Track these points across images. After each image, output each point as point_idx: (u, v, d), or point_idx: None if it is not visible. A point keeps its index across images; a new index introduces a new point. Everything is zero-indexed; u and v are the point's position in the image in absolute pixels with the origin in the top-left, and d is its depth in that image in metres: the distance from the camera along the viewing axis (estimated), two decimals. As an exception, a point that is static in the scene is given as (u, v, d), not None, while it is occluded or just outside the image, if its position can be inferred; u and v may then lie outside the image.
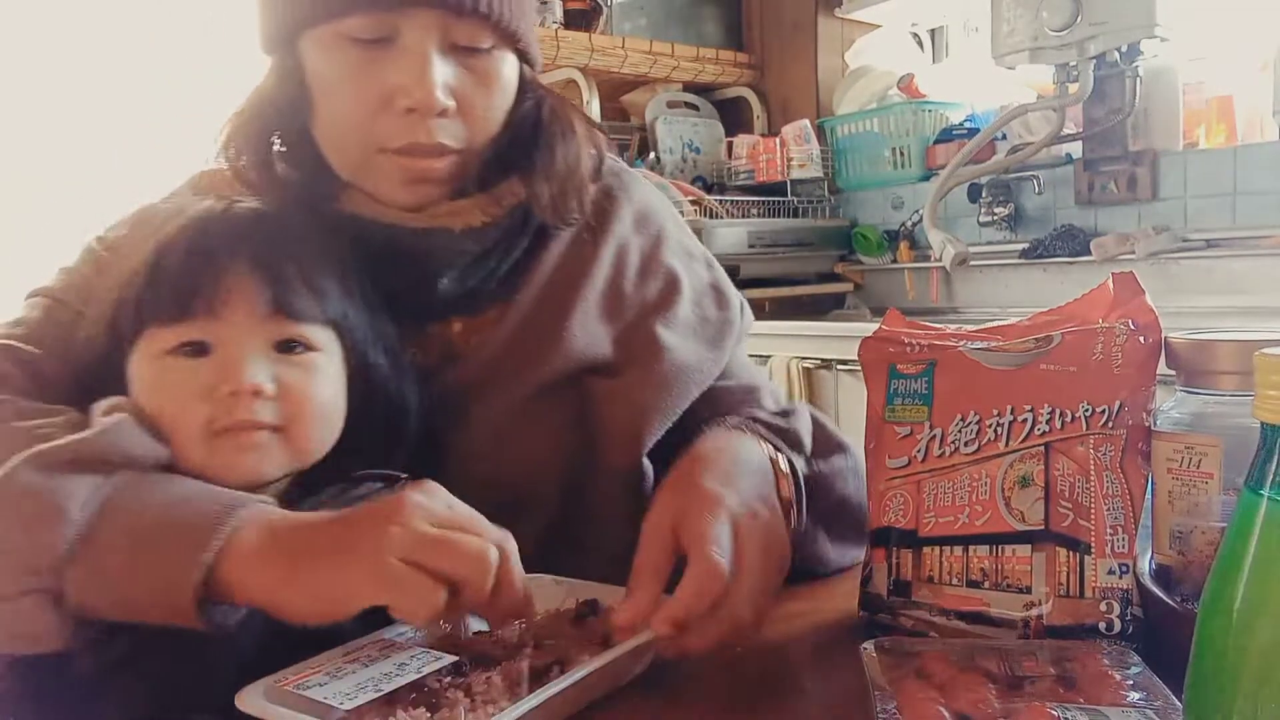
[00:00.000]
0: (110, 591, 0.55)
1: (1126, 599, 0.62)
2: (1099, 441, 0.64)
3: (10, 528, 0.55)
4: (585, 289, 0.81)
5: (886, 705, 0.51)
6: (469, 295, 0.79)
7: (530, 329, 0.79)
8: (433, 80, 0.70)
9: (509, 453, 0.77)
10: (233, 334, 0.63)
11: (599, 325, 0.81)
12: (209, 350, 0.63)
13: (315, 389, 0.66)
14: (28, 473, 0.56)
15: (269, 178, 0.76)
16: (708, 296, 0.88)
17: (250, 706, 0.53)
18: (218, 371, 0.62)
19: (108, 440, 0.59)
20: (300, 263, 0.67)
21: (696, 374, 0.81)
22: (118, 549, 0.55)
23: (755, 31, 3.16)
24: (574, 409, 0.79)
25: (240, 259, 0.64)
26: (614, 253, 0.84)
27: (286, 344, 0.65)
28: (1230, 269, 2.17)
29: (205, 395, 0.62)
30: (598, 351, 0.80)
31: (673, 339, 0.81)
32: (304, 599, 0.55)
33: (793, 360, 2.32)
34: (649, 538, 0.64)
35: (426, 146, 0.72)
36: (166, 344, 0.63)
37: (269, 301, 0.64)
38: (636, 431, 0.78)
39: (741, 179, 2.90)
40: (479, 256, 0.78)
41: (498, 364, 0.78)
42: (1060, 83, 2.21)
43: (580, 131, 0.81)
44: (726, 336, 0.86)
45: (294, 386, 0.64)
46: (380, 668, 0.56)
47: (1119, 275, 0.71)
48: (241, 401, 0.62)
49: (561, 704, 0.55)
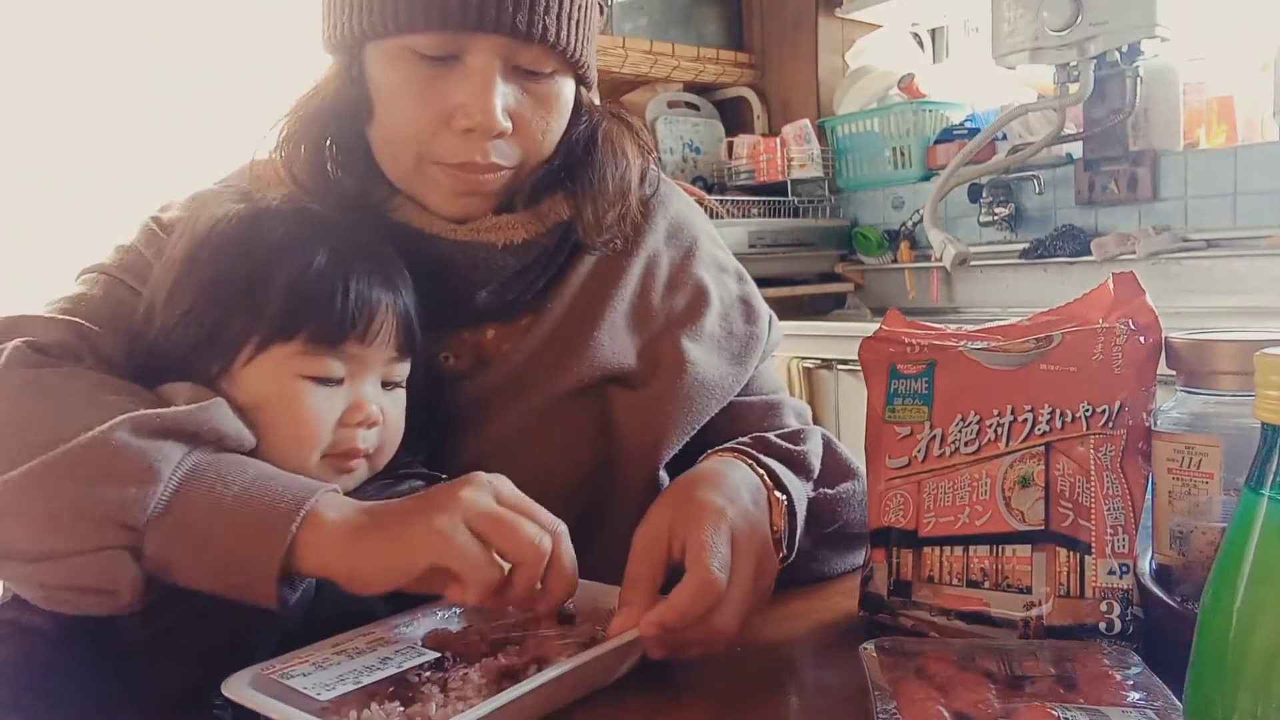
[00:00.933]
0: (190, 554, 0.57)
1: (1127, 599, 0.62)
2: (1099, 441, 0.64)
3: (102, 484, 0.56)
4: (615, 299, 0.82)
5: (886, 705, 0.51)
6: (505, 305, 0.80)
7: (559, 337, 0.80)
8: (494, 103, 0.70)
9: (532, 455, 0.78)
10: (364, 370, 0.68)
11: (626, 335, 0.82)
12: (339, 382, 0.67)
13: (399, 416, 0.71)
14: (122, 434, 0.57)
15: (323, 180, 0.77)
16: (736, 310, 0.89)
17: (234, 693, 0.54)
18: (350, 402, 0.67)
19: (203, 416, 0.61)
20: (416, 304, 0.72)
21: (718, 389, 0.82)
22: (203, 513, 0.57)
23: (755, 31, 3.15)
24: (596, 417, 0.80)
25: (388, 299, 0.69)
26: (644, 264, 0.85)
27: (391, 382, 0.71)
28: (1230, 269, 2.17)
29: (336, 422, 0.66)
30: (623, 362, 0.81)
31: (697, 351, 0.82)
32: (373, 562, 0.57)
33: (793, 360, 2.32)
34: (642, 549, 0.64)
35: (481, 166, 0.73)
36: (306, 369, 0.66)
37: (397, 346, 0.70)
38: (655, 443, 0.79)
39: (742, 179, 2.90)
40: (518, 272, 0.79)
41: (526, 370, 0.79)
42: (1060, 83, 2.21)
43: (631, 154, 0.82)
44: (752, 352, 0.87)
45: (391, 418, 0.70)
46: (364, 661, 0.57)
47: (1119, 275, 0.71)
48: (359, 432, 0.67)
49: (535, 702, 0.55)
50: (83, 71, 2.06)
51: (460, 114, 0.71)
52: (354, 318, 0.66)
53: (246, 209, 0.70)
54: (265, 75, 2.13)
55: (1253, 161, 2.15)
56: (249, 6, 2.21)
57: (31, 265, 1.88)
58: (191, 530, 0.57)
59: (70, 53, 2.06)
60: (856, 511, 0.82)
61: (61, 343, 0.67)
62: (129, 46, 2.10)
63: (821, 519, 0.79)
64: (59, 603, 0.58)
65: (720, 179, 2.96)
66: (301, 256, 0.67)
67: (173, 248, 0.70)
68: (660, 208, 0.88)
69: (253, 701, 0.53)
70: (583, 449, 0.80)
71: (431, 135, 0.72)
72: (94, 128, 2.08)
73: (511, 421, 0.78)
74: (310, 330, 0.65)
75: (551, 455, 0.79)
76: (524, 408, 0.78)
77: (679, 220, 0.90)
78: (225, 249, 0.68)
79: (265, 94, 2.13)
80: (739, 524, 0.64)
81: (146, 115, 2.10)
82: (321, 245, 0.68)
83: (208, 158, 2.02)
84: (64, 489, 0.56)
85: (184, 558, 0.57)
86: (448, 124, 0.71)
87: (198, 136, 2.06)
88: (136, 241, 0.76)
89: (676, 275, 0.86)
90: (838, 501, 0.81)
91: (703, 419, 0.81)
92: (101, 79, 2.08)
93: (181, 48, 2.13)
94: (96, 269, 0.75)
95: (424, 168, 0.74)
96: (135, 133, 2.10)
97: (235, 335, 0.66)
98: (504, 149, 0.74)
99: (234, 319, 0.66)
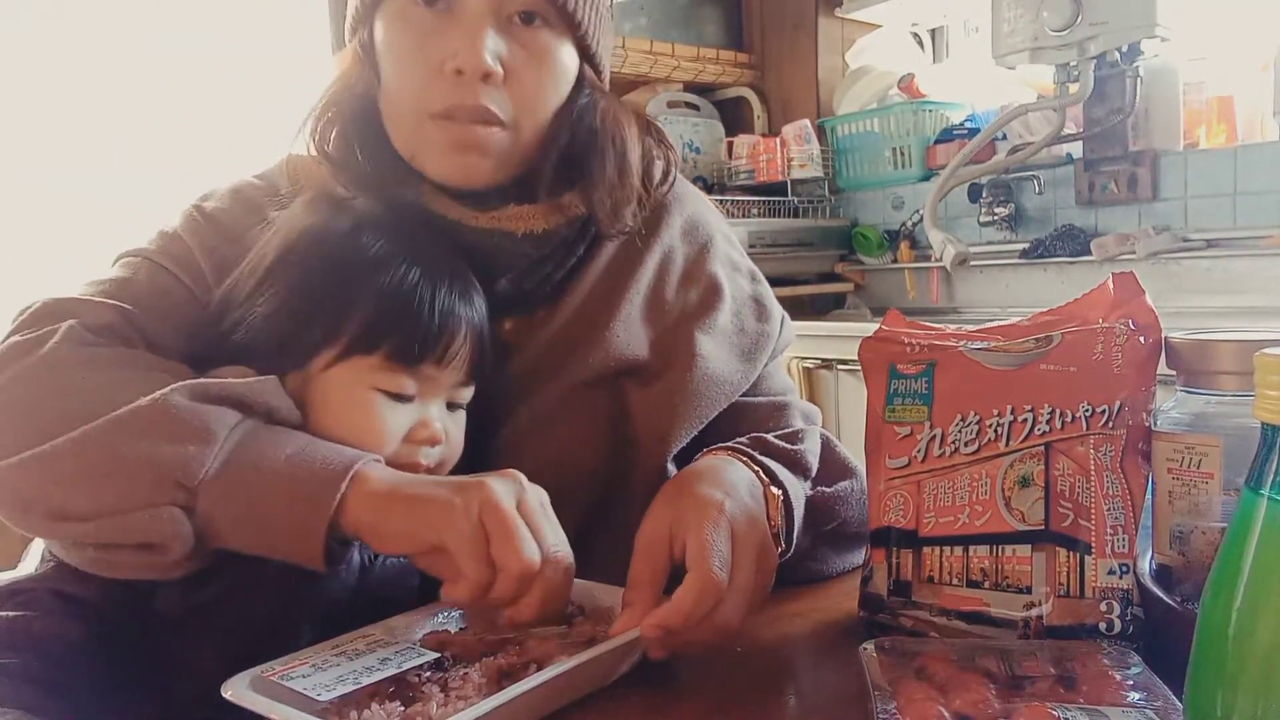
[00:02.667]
0: (242, 511, 0.59)
1: (1127, 599, 0.62)
2: (1099, 441, 0.64)
3: (160, 443, 0.59)
4: (630, 292, 0.83)
5: (886, 705, 0.51)
6: (523, 296, 0.81)
7: (576, 329, 0.81)
8: (482, 44, 0.72)
9: (550, 444, 0.78)
10: (434, 391, 0.70)
11: (640, 328, 0.83)
12: (411, 398, 0.69)
13: (461, 438, 0.73)
14: (179, 398, 0.60)
15: (355, 166, 0.78)
16: (748, 308, 0.90)
17: (234, 695, 0.54)
18: (418, 419, 0.69)
19: (258, 389, 0.64)
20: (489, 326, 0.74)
21: (727, 385, 0.83)
22: (254, 474, 0.60)
23: (755, 31, 3.15)
24: (610, 408, 0.81)
25: (464, 320, 0.71)
26: (660, 258, 0.86)
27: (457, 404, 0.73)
28: (1230, 269, 2.17)
29: (403, 437, 0.68)
30: (637, 353, 0.81)
31: (709, 345, 0.83)
32: (392, 523, 0.60)
33: (793, 360, 2.32)
34: (644, 549, 0.64)
35: (470, 108, 0.73)
36: (381, 383, 0.68)
37: (468, 370, 0.72)
38: (664, 435, 0.79)
39: (742, 179, 2.90)
40: (536, 261, 0.80)
41: (542, 360, 0.80)
42: (1060, 83, 2.21)
43: (633, 135, 0.83)
44: (762, 350, 0.87)
45: (453, 438, 0.72)
46: (364, 661, 0.58)
47: (1119, 275, 0.71)
48: (423, 449, 0.69)
49: (533, 703, 0.55)
50: (83, 72, 2.06)
51: (450, 58, 0.72)
52: (435, 337, 0.68)
53: (345, 219, 0.72)
54: (264, 75, 2.14)
55: (1253, 161, 2.15)
56: (249, 7, 2.21)
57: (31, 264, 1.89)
58: (244, 489, 0.59)
59: (70, 52, 2.06)
60: (855, 510, 0.82)
61: (110, 325, 0.69)
62: (129, 46, 2.10)
63: (819, 517, 0.79)
64: (108, 565, 0.60)
65: (720, 179, 2.96)
66: (394, 271, 0.68)
67: (261, 250, 0.72)
68: (677, 205, 0.89)
69: (253, 703, 0.53)
70: (596, 439, 0.80)
71: (426, 86, 0.74)
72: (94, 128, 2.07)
73: (528, 413, 0.79)
74: (392, 346, 0.67)
75: (567, 446, 0.79)
76: (540, 399, 0.79)
77: (695, 218, 0.90)
78: (321, 255, 0.70)
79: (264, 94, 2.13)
80: (738, 518, 0.65)
81: (146, 115, 2.10)
82: (413, 262, 0.70)
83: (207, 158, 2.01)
84: (122, 447, 0.58)
85: (235, 515, 0.59)
86: (440, 71, 0.73)
87: (196, 137, 2.06)
88: (179, 229, 0.77)
89: (691, 270, 0.87)
90: (836, 500, 0.81)
91: (711, 413, 0.82)
92: (101, 79, 2.08)
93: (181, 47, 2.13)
94: (138, 253, 0.76)
95: (422, 126, 0.75)
96: (135, 133, 2.10)
97: (318, 340, 0.67)
98: (496, 97, 0.74)
99: (319, 324, 0.67)
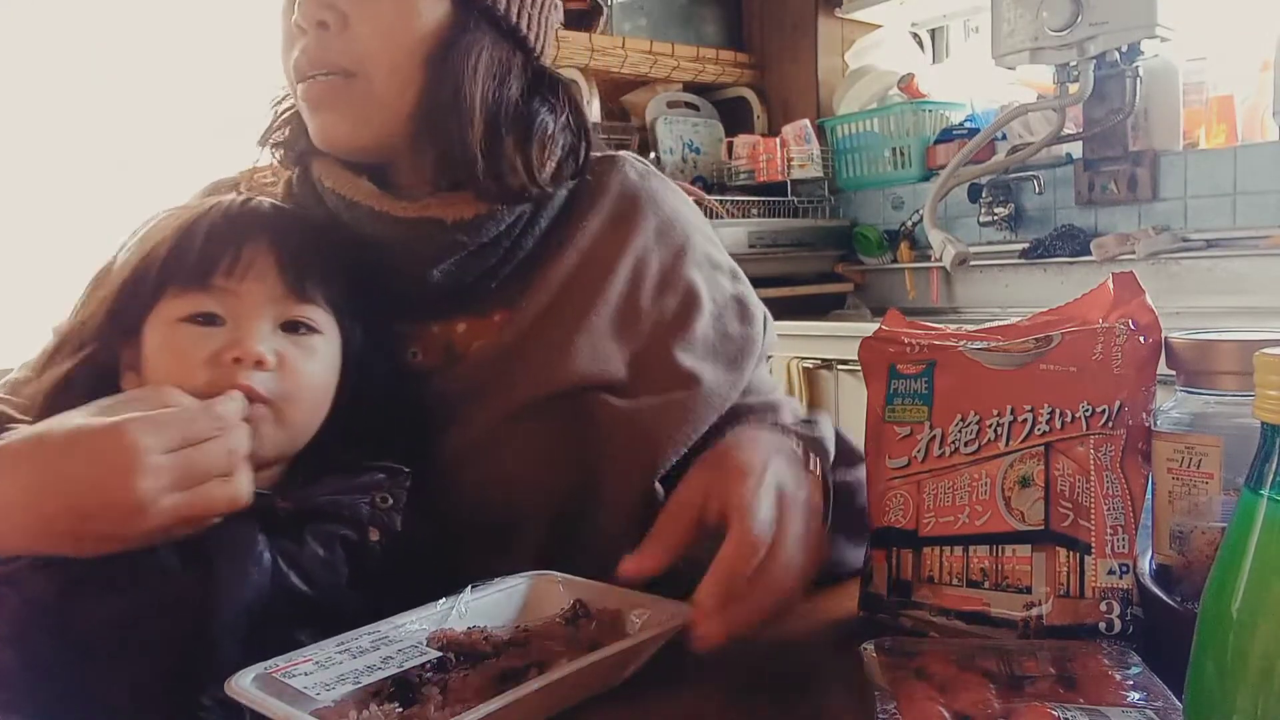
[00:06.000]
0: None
1: (1127, 599, 0.62)
2: (1099, 441, 0.64)
3: None
4: (598, 303, 0.79)
5: (886, 705, 0.51)
6: (471, 295, 0.78)
7: (533, 338, 0.77)
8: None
9: (504, 460, 0.75)
10: (245, 308, 0.67)
11: (610, 342, 0.78)
12: (221, 322, 0.66)
13: (311, 370, 0.69)
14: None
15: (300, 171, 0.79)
16: (730, 310, 0.85)
17: (236, 692, 0.53)
18: (227, 340, 0.65)
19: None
20: (315, 248, 0.71)
21: (715, 399, 0.79)
22: None
23: (755, 31, 3.16)
24: (577, 426, 0.77)
25: (261, 238, 0.68)
26: (632, 265, 0.81)
27: (292, 324, 0.69)
28: (1230, 269, 2.17)
29: (211, 361, 0.64)
30: (606, 368, 0.77)
31: (691, 362, 0.79)
32: None
33: (793, 360, 2.32)
34: (672, 509, 0.63)
35: (310, 61, 0.73)
36: (181, 311, 0.66)
37: (284, 281, 0.68)
38: (650, 460, 0.76)
39: (742, 179, 2.90)
40: (474, 252, 0.77)
41: (495, 370, 0.77)
42: (1060, 83, 2.20)
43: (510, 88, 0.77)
44: (748, 355, 0.84)
45: (293, 365, 0.67)
46: (366, 660, 0.57)
47: (1119, 275, 0.71)
48: (243, 369, 0.64)
49: (535, 706, 0.54)
50: (81, 71, 2.06)
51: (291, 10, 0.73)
52: (219, 247, 0.67)
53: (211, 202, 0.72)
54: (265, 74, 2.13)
55: (1253, 161, 2.15)
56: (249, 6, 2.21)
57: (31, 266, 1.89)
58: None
59: (69, 53, 2.06)
60: None
61: None
62: (127, 47, 2.10)
63: (840, 504, 0.76)
64: None
65: (720, 179, 2.96)
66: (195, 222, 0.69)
67: None
68: (650, 204, 0.85)
69: (253, 700, 0.53)
70: (556, 456, 0.76)
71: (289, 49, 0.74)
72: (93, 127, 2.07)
73: (482, 423, 0.76)
74: (175, 268, 0.66)
75: (526, 462, 0.76)
76: (495, 409, 0.76)
77: (670, 218, 0.86)
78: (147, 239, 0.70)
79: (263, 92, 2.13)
80: (784, 478, 0.63)
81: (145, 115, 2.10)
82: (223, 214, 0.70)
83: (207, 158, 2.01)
84: None
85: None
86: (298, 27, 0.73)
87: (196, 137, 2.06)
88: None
89: (667, 277, 0.83)
90: (858, 486, 0.78)
91: (701, 430, 0.78)
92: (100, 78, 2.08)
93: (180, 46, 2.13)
94: None
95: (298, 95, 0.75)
96: (134, 132, 2.10)
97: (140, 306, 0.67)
98: (331, 43, 0.72)
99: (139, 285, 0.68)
